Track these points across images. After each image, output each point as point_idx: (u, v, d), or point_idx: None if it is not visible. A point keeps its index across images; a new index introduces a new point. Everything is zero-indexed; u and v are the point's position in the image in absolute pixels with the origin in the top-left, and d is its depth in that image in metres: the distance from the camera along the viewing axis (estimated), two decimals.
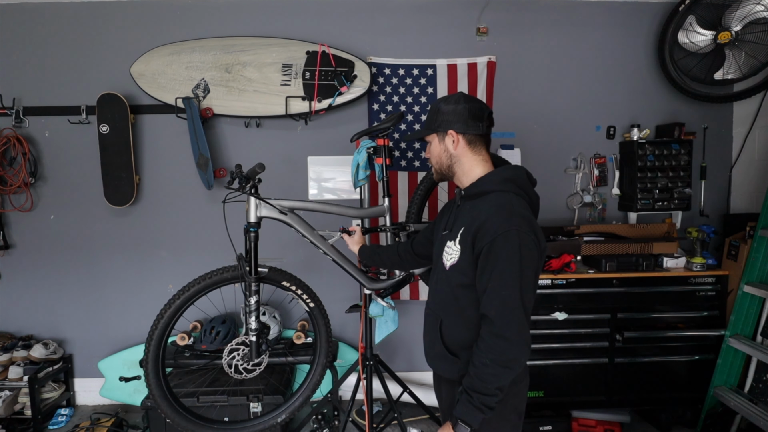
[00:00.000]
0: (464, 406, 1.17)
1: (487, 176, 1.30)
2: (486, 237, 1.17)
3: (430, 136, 1.39)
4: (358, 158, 2.23)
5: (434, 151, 1.38)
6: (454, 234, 1.31)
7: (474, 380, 1.17)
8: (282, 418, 2.08)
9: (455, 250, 1.27)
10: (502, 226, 1.15)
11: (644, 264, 2.58)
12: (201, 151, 2.73)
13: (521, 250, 1.15)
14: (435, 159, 1.38)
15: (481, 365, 1.16)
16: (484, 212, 1.21)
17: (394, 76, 2.91)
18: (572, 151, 3.04)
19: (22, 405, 2.68)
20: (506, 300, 1.15)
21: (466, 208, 1.32)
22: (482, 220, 1.19)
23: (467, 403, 1.17)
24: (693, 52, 2.78)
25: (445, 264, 1.31)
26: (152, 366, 1.86)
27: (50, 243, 2.94)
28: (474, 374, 1.17)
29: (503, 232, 1.15)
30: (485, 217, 1.19)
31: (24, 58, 2.85)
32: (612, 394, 2.59)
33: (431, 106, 1.39)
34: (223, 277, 1.88)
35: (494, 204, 1.22)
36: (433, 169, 1.42)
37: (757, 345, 2.39)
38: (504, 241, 1.15)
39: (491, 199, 1.24)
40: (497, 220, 1.17)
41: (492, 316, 1.16)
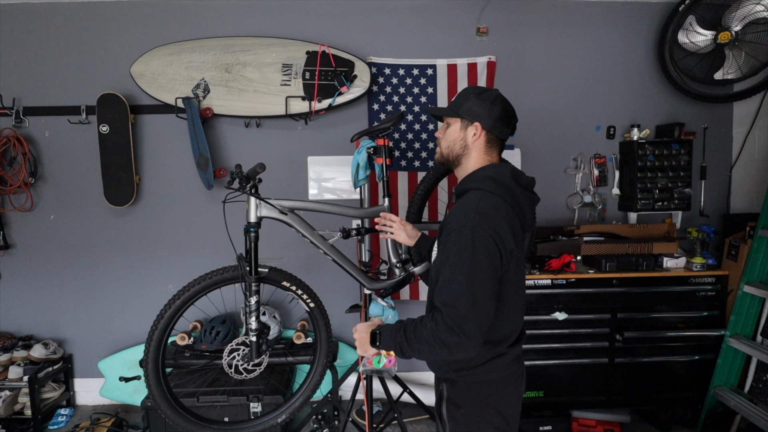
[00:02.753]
0: (389, 333, 1.22)
1: (471, 174, 1.29)
2: (443, 233, 1.20)
3: (454, 119, 1.33)
4: (358, 158, 2.23)
5: (450, 135, 1.33)
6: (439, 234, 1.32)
7: (411, 331, 1.17)
8: (282, 419, 2.08)
9: (436, 250, 1.30)
10: (458, 222, 1.16)
11: (644, 264, 2.58)
12: (201, 151, 2.73)
13: (475, 245, 1.12)
14: (448, 143, 1.34)
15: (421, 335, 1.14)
16: (453, 210, 1.24)
17: (394, 76, 2.91)
18: (572, 151, 3.04)
19: (22, 405, 2.68)
20: (453, 292, 1.11)
21: (455, 205, 1.32)
22: (447, 216, 1.23)
23: (393, 333, 1.21)
24: (693, 52, 2.78)
25: (433, 264, 1.32)
26: (152, 366, 1.86)
27: (50, 243, 2.94)
28: (415, 329, 1.16)
29: (457, 228, 1.15)
30: (449, 215, 1.23)
31: (24, 58, 2.85)
32: (612, 394, 2.59)
33: (464, 91, 1.33)
34: (223, 277, 1.88)
35: (463, 202, 1.23)
36: (439, 151, 1.38)
37: (757, 345, 2.39)
38: (457, 236, 1.14)
39: (466, 197, 1.25)
40: (455, 218, 1.18)
41: (439, 307, 1.13)
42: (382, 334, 1.23)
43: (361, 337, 1.28)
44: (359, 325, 1.31)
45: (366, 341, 1.26)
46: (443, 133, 1.36)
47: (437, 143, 1.39)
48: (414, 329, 1.16)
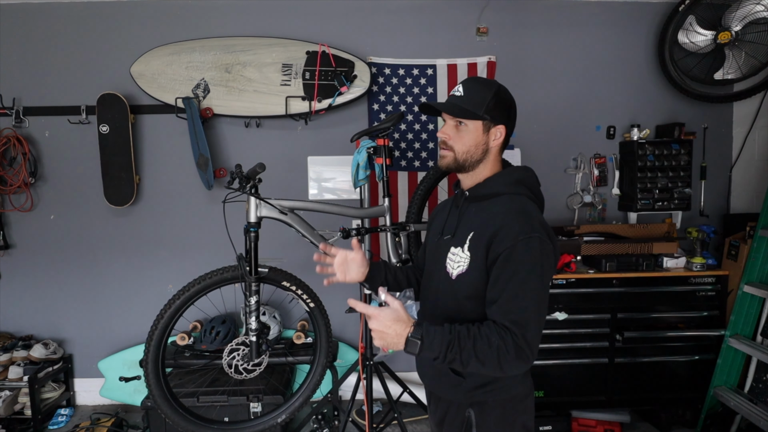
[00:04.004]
0: (439, 343, 1.00)
1: (496, 177, 1.19)
2: (504, 243, 1.06)
3: (474, 121, 1.17)
4: (358, 158, 2.23)
5: (469, 138, 1.17)
6: (459, 239, 1.18)
7: (471, 347, 1.00)
8: (282, 419, 2.08)
9: (463, 257, 1.14)
10: (523, 232, 1.06)
11: (644, 264, 2.58)
12: (201, 151, 2.73)
13: (542, 259, 1.06)
14: (466, 147, 1.17)
15: (488, 344, 1.00)
16: (499, 216, 1.10)
17: (394, 76, 2.91)
18: (572, 151, 3.04)
19: (22, 405, 2.68)
20: (525, 309, 1.03)
21: (470, 211, 1.20)
22: (499, 225, 1.08)
23: (445, 345, 1.00)
24: (693, 52, 2.78)
25: (450, 273, 1.17)
26: (152, 366, 1.86)
27: (50, 243, 2.94)
28: (476, 344, 1.00)
29: (524, 238, 1.05)
30: (502, 222, 1.08)
31: (24, 58, 2.85)
32: (612, 394, 2.59)
33: (477, 86, 1.18)
34: (223, 277, 1.88)
35: (510, 207, 1.12)
36: (451, 155, 1.20)
37: (757, 345, 2.39)
38: (525, 247, 1.05)
39: (503, 202, 1.14)
40: (517, 225, 1.07)
41: (509, 327, 1.02)
42: (425, 342, 1.00)
43: (387, 335, 1.02)
44: (381, 315, 1.02)
45: (395, 340, 1.02)
46: (454, 134, 1.19)
47: (445, 146, 1.20)
48: (474, 344, 1.00)
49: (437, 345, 1.00)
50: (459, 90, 1.18)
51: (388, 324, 1.01)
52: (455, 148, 1.18)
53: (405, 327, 1.01)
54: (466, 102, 1.17)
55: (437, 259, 1.24)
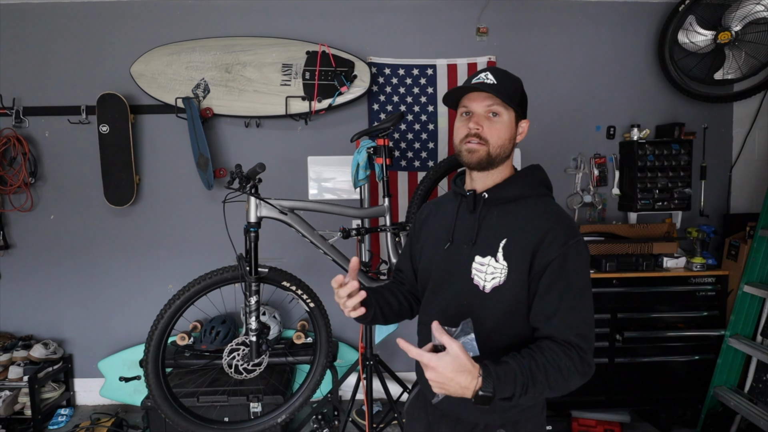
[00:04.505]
0: (511, 383, 0.88)
1: (519, 178, 1.12)
2: (553, 249, 0.99)
3: (509, 111, 1.08)
4: (358, 158, 2.23)
5: (504, 130, 1.07)
6: (487, 247, 1.06)
7: (540, 370, 0.92)
8: (282, 419, 2.08)
9: (499, 267, 1.03)
10: (571, 236, 1.00)
11: (644, 264, 2.58)
12: (201, 151, 2.73)
13: (587, 265, 1.03)
14: (501, 139, 1.07)
15: (557, 369, 0.93)
16: (539, 220, 1.03)
17: (394, 76, 2.91)
18: (572, 151, 3.04)
19: (22, 405, 2.68)
20: (587, 322, 0.99)
21: (492, 215, 1.09)
22: (543, 230, 1.01)
23: (515, 382, 0.89)
24: (693, 52, 2.78)
25: (480, 286, 1.05)
26: (152, 366, 1.86)
27: (50, 243, 2.94)
28: (548, 376, 0.92)
29: (574, 243, 1.00)
30: (546, 227, 1.01)
31: (24, 58, 2.85)
32: (612, 394, 2.59)
33: (510, 76, 1.10)
34: (223, 277, 1.89)
35: (547, 210, 1.05)
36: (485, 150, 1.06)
37: (757, 345, 2.39)
38: (576, 254, 1.00)
39: (534, 205, 1.07)
40: (563, 230, 1.01)
41: (576, 342, 0.96)
42: (497, 394, 0.86)
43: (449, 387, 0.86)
44: (440, 366, 0.84)
45: (459, 392, 0.86)
46: (487, 126, 1.06)
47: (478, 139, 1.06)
48: (547, 377, 0.92)
49: (509, 390, 0.88)
50: (489, 77, 1.06)
51: (450, 376, 0.84)
52: (490, 140, 1.06)
53: (471, 379, 0.85)
54: (503, 90, 1.05)
55: (450, 269, 1.11)
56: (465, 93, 1.08)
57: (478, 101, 1.06)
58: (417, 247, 1.24)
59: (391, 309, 1.22)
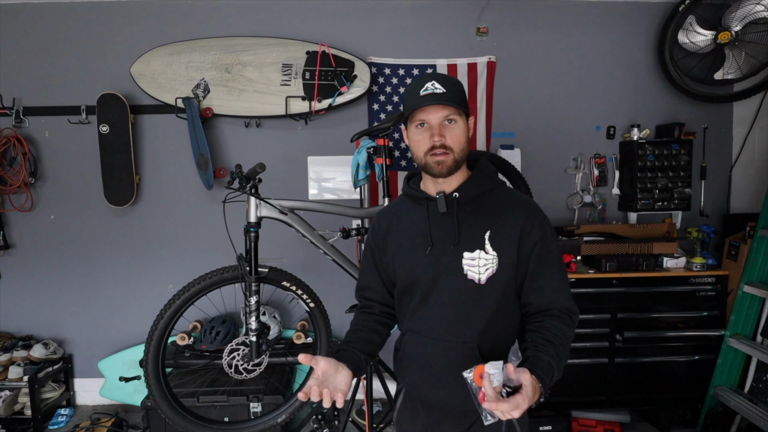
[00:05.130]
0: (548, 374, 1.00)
1: (481, 173, 1.17)
2: (534, 231, 1.11)
3: (462, 115, 1.11)
4: (358, 158, 2.23)
5: (462, 134, 1.11)
6: (473, 242, 1.10)
7: (561, 350, 1.06)
8: (282, 419, 2.08)
9: (490, 257, 1.09)
10: (542, 216, 1.14)
11: (644, 264, 2.58)
12: (201, 151, 2.73)
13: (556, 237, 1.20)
14: (462, 143, 1.10)
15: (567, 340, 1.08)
16: (515, 208, 1.13)
17: (394, 76, 2.91)
18: (572, 151, 3.04)
19: (22, 405, 2.68)
20: (568, 285, 1.16)
21: (467, 212, 1.13)
22: (523, 216, 1.11)
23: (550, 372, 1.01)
24: (693, 52, 2.78)
25: (476, 279, 1.10)
26: (152, 366, 1.86)
27: (50, 243, 2.94)
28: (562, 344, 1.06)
29: (547, 223, 1.14)
30: (523, 212, 1.12)
31: (24, 58, 2.85)
32: (612, 394, 2.59)
33: (454, 81, 1.12)
34: (223, 277, 1.88)
35: (517, 198, 1.16)
36: (452, 156, 1.09)
37: (757, 345, 2.39)
38: (551, 231, 1.15)
39: (501, 195, 1.16)
40: (536, 213, 1.13)
41: (570, 306, 1.12)
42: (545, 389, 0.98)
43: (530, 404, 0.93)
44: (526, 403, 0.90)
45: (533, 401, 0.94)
46: (448, 134, 1.09)
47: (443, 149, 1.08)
48: (565, 351, 1.07)
49: (551, 378, 1.01)
50: (437, 87, 1.07)
51: (530, 401, 0.91)
52: (454, 147, 1.09)
53: (538, 393, 0.95)
54: (453, 98, 1.07)
55: (439, 271, 1.13)
56: (419, 106, 1.09)
57: (434, 113, 1.08)
58: (386, 259, 1.22)
59: (376, 344, 1.23)
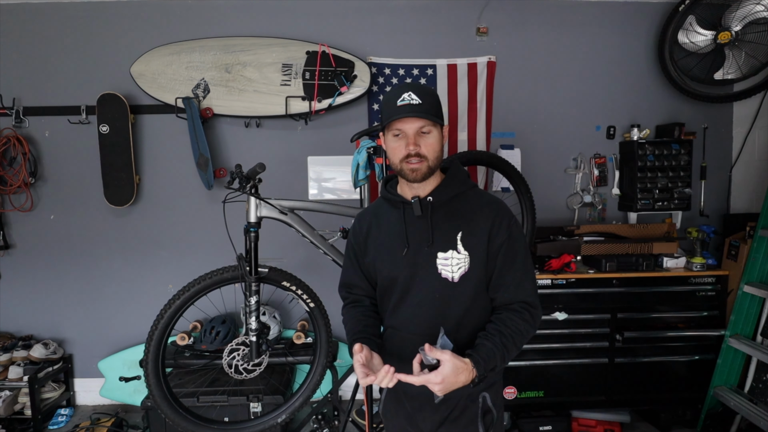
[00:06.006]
0: (492, 360, 1.07)
1: (452, 179, 1.23)
2: (501, 230, 1.17)
3: (437, 126, 1.18)
4: (358, 158, 2.23)
5: (436, 143, 1.18)
6: (445, 243, 1.18)
7: (509, 340, 1.11)
8: (282, 419, 2.08)
9: (462, 257, 1.17)
10: (509, 217, 1.20)
11: (644, 264, 2.58)
12: (201, 151, 2.73)
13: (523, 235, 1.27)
14: (436, 152, 1.18)
15: (520, 333, 1.13)
16: (484, 209, 1.19)
17: (394, 76, 2.91)
18: (572, 151, 3.04)
19: (22, 405, 2.68)
20: (533, 280, 1.20)
21: (440, 214, 1.20)
22: (491, 216, 1.18)
23: (494, 358, 1.08)
24: (693, 52, 2.78)
25: (449, 278, 1.17)
26: (152, 366, 1.86)
27: (50, 243, 2.93)
28: (511, 335, 1.12)
29: (514, 222, 1.20)
30: (492, 212, 1.19)
31: (24, 58, 2.85)
32: (612, 394, 2.59)
33: (430, 92, 1.18)
34: (223, 277, 1.88)
35: (487, 200, 1.22)
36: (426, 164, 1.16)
37: (757, 345, 2.39)
38: (518, 230, 1.20)
39: (473, 198, 1.23)
40: (504, 213, 1.20)
41: (531, 300, 1.17)
42: (487, 370, 1.07)
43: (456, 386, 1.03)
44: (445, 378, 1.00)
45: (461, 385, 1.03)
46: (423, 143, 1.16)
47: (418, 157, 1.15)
48: (514, 341, 1.12)
49: (493, 365, 1.08)
50: (413, 98, 1.13)
51: (453, 381, 1.01)
52: (429, 156, 1.16)
53: (467, 373, 1.03)
54: (429, 109, 1.14)
55: (414, 271, 1.20)
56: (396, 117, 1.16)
57: (410, 123, 1.15)
58: (368, 260, 1.29)
59: (379, 332, 1.33)
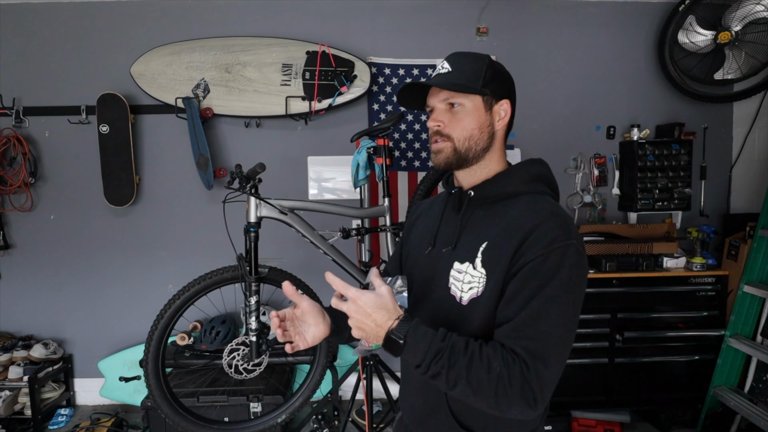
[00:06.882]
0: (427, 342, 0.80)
1: (510, 172, 0.96)
2: (535, 249, 0.83)
3: (472, 97, 0.92)
4: (358, 158, 2.23)
5: (469, 120, 0.92)
6: (466, 252, 0.92)
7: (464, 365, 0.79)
8: (282, 419, 2.08)
9: (477, 276, 0.89)
10: (560, 238, 0.83)
11: (644, 264, 2.58)
12: (201, 151, 2.73)
13: (580, 276, 0.84)
14: (467, 131, 0.92)
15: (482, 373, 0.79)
16: (527, 218, 0.87)
17: (394, 76, 2.91)
18: (572, 151, 3.04)
19: (22, 405, 2.68)
20: (547, 339, 0.80)
21: (477, 216, 0.95)
22: (529, 228, 0.85)
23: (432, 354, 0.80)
24: (693, 52, 2.78)
25: (457, 297, 0.91)
26: (152, 366, 1.86)
27: (50, 243, 2.93)
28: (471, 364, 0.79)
29: (561, 246, 0.82)
30: (533, 224, 0.85)
31: (24, 58, 2.85)
32: (612, 394, 2.59)
33: (473, 57, 0.94)
34: (223, 277, 1.89)
35: (540, 208, 0.89)
36: (450, 145, 0.93)
37: (757, 345, 2.39)
38: (560, 257, 0.82)
39: (525, 204, 0.91)
40: (553, 230, 0.84)
41: (521, 354, 0.79)
42: (408, 342, 0.80)
43: (366, 325, 0.82)
44: (362, 299, 0.81)
45: (374, 332, 0.82)
46: (449, 119, 0.93)
47: (439, 136, 0.94)
48: (469, 363, 0.79)
49: (422, 349, 0.80)
50: (444, 66, 0.93)
51: (368, 312, 0.81)
52: (454, 134, 0.93)
53: (388, 317, 0.81)
54: (458, 77, 0.92)
55: (430, 277, 0.98)
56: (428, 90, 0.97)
57: (434, 96, 0.95)
58: (405, 250, 1.12)
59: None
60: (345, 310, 0.83)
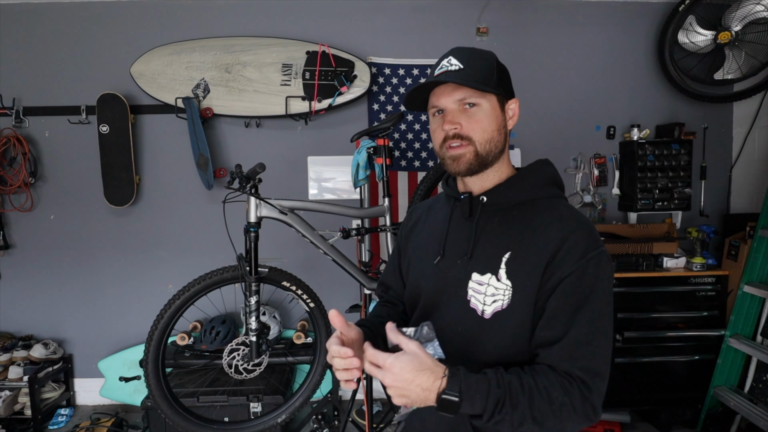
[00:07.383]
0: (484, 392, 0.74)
1: (524, 177, 0.92)
2: (569, 263, 0.80)
3: (489, 96, 0.87)
4: (358, 158, 2.23)
5: (488, 120, 0.87)
6: (486, 262, 0.87)
7: (527, 405, 0.75)
8: (282, 419, 2.08)
9: (502, 288, 0.84)
10: (591, 247, 0.82)
11: (644, 264, 2.58)
12: (201, 151, 2.73)
13: (612, 283, 0.84)
14: (488, 132, 0.87)
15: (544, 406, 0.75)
16: (553, 229, 0.84)
17: (394, 76, 2.91)
18: (572, 151, 3.04)
19: (22, 405, 2.68)
20: (599, 353, 0.79)
21: (493, 223, 0.90)
22: (559, 240, 0.82)
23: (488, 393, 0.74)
24: (693, 52, 2.78)
25: (479, 310, 0.86)
26: (152, 366, 1.86)
27: (50, 243, 2.93)
28: (532, 402, 0.76)
29: (595, 256, 0.81)
30: (562, 235, 0.82)
31: (24, 58, 2.85)
32: (612, 394, 2.57)
33: (479, 54, 0.90)
34: (223, 277, 1.88)
35: (563, 216, 0.86)
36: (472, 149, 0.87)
37: (757, 345, 2.39)
38: (596, 269, 0.81)
39: (545, 210, 0.88)
40: (583, 240, 0.82)
41: (578, 375, 0.77)
42: (464, 399, 0.73)
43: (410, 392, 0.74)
44: (396, 365, 0.74)
45: (421, 396, 0.74)
46: (466, 121, 0.86)
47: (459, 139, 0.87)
48: (531, 401, 0.75)
49: (480, 402, 0.73)
50: (454, 63, 0.87)
51: (409, 377, 0.73)
52: (474, 137, 0.86)
53: (434, 378, 0.73)
54: (473, 75, 0.85)
55: (441, 290, 0.92)
56: (430, 89, 0.90)
57: (446, 95, 0.87)
58: (404, 259, 1.05)
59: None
60: (381, 379, 0.76)
